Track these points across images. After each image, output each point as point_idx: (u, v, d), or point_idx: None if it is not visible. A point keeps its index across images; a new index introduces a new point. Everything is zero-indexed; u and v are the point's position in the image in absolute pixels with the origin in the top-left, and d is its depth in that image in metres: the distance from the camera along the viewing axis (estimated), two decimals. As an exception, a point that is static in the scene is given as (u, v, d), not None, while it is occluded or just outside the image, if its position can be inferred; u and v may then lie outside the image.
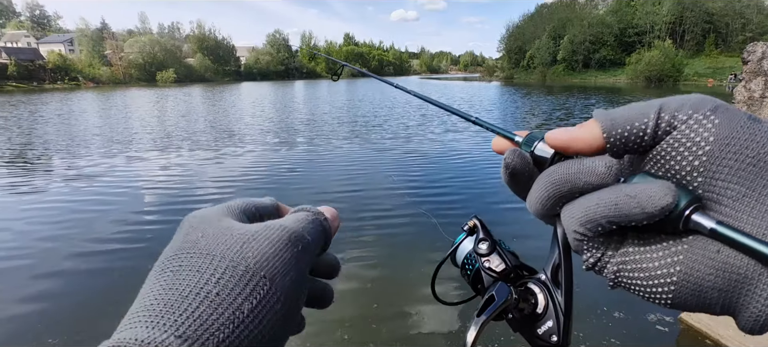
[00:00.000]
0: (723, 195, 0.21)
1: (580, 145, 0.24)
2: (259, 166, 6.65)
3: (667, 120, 0.22)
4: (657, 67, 42.58)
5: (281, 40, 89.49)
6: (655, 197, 0.21)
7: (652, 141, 0.23)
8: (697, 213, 0.21)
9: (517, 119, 12.40)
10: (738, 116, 0.22)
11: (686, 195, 0.21)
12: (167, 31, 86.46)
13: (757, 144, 0.20)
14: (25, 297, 2.83)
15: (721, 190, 0.21)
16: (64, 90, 41.47)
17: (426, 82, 54.03)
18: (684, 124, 0.22)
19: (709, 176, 0.21)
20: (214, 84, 56.58)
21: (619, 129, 0.23)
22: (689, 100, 0.23)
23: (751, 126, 0.21)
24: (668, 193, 0.21)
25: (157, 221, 4.29)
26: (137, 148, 8.39)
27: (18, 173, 6.40)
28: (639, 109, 0.23)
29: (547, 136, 0.26)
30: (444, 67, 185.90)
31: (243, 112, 15.91)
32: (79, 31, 65.36)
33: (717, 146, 0.21)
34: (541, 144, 0.27)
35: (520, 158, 0.27)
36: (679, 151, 0.22)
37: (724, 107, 0.22)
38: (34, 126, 12.05)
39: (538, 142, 0.27)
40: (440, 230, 3.55)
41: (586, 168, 0.24)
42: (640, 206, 0.21)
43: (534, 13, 71.90)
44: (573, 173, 0.24)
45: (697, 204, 0.21)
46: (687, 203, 0.21)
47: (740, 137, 0.21)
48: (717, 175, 0.21)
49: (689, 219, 0.21)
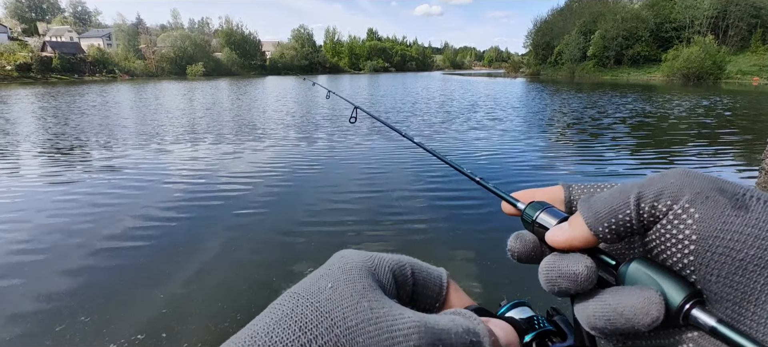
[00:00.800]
0: (721, 296, 0.20)
1: (577, 244, 0.25)
2: (280, 160, 6.75)
3: (647, 211, 0.22)
4: (696, 64, 40.31)
5: (305, 35, 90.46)
6: (640, 313, 0.21)
7: (641, 229, 0.23)
8: (697, 308, 0.20)
9: (545, 119, 11.94)
10: (719, 207, 0.20)
11: (683, 290, 0.21)
12: (197, 26, 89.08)
13: (743, 244, 0.19)
14: (52, 283, 3.00)
15: (718, 292, 0.20)
16: (102, 82, 43.45)
17: (449, 78, 53.32)
18: (665, 218, 0.21)
19: (702, 276, 0.21)
20: (240, 77, 57.88)
21: (605, 223, 0.23)
22: (666, 185, 0.22)
23: (735, 219, 0.20)
24: (652, 307, 0.21)
25: (179, 215, 4.43)
26: (166, 139, 8.71)
27: (51, 162, 6.77)
28: (619, 199, 0.23)
29: (547, 238, 0.27)
30: (468, 62, 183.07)
31: (266, 106, 16.21)
32: (116, 27, 68.37)
33: (701, 246, 0.20)
34: (544, 214, 0.28)
35: (522, 244, 0.29)
36: (666, 246, 0.22)
37: (703, 196, 0.21)
38: (70, 116, 12.69)
39: (540, 213, 0.28)
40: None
41: (566, 273, 0.25)
42: (629, 323, 0.21)
43: (563, 8, 69.54)
44: (555, 277, 0.25)
45: (697, 299, 0.21)
46: (685, 299, 0.21)
47: (724, 236, 0.20)
48: (709, 277, 0.20)
49: (689, 315, 0.21)
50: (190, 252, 3.42)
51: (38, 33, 70.10)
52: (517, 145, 7.89)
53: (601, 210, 0.24)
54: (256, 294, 2.80)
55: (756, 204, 0.20)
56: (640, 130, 9.74)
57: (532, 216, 0.28)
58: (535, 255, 0.29)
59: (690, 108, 14.50)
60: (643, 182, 0.23)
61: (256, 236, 3.76)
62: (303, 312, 0.20)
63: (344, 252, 0.26)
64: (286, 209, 4.47)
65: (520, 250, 0.29)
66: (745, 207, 0.20)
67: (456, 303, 0.28)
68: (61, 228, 3.93)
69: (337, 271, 0.23)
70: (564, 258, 0.25)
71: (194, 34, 72.14)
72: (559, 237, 0.26)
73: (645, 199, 0.22)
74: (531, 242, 0.29)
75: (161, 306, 2.65)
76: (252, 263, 3.25)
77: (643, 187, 0.23)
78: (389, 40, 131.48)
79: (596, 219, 0.24)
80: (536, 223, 0.28)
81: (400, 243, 3.60)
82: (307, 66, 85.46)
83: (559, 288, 0.25)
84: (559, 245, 0.26)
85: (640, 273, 0.23)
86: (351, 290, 0.22)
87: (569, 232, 0.25)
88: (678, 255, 0.21)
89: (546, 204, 0.29)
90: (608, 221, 0.23)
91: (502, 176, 5.81)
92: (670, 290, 0.21)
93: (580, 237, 0.25)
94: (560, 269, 0.25)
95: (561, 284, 0.25)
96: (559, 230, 0.26)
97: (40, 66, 47.84)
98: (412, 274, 0.26)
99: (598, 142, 8.40)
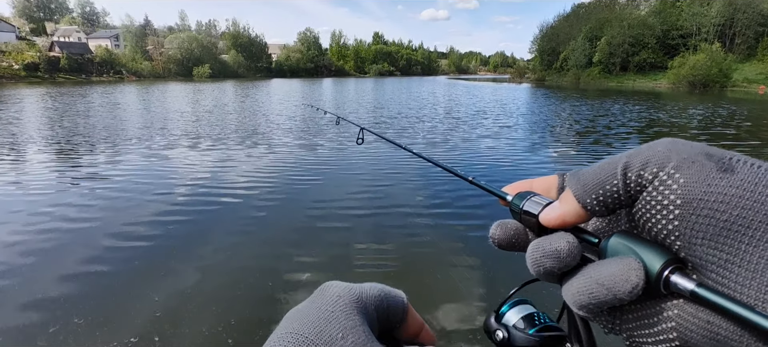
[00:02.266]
0: (707, 260, 0.20)
1: (571, 220, 0.26)
2: (284, 162, 6.76)
3: (634, 180, 0.22)
4: (702, 71, 40.05)
5: (311, 38, 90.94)
6: (621, 281, 0.21)
7: (629, 199, 0.23)
8: (676, 274, 0.21)
9: (557, 126, 11.85)
10: (705, 170, 0.20)
11: (662, 257, 0.21)
12: (204, 28, 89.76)
13: (727, 205, 0.19)
14: (48, 284, 3.00)
15: (703, 256, 0.20)
16: (109, 82, 43.88)
17: (454, 83, 53.35)
18: (650, 185, 0.22)
19: (686, 241, 0.21)
20: (246, 79, 58.22)
21: (593, 194, 0.24)
22: (653, 154, 0.22)
23: (720, 181, 0.20)
24: (632, 273, 0.21)
25: (176, 219, 4.42)
26: (166, 142, 8.74)
27: (48, 163, 6.81)
28: (607, 170, 0.24)
29: (541, 218, 0.27)
30: (473, 67, 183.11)
31: (270, 109, 16.26)
32: (124, 27, 69.07)
33: (686, 210, 0.20)
34: (529, 202, 0.29)
35: (502, 230, 0.30)
36: (652, 213, 0.22)
37: (689, 160, 0.21)
38: (67, 117, 12.79)
39: (527, 200, 0.29)
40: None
41: (549, 251, 0.25)
42: (611, 292, 0.22)
43: (570, 13, 69.44)
44: (539, 257, 0.26)
45: (675, 265, 0.21)
46: (663, 265, 0.21)
47: (709, 198, 0.20)
48: (694, 240, 0.20)
49: (669, 281, 0.21)
50: (186, 257, 3.40)
51: (46, 33, 70.94)
52: (527, 154, 7.82)
53: (590, 183, 0.24)
54: (250, 300, 2.78)
55: (742, 167, 0.20)
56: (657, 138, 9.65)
57: (519, 204, 0.29)
58: (517, 242, 0.30)
59: (707, 116, 14.38)
60: (630, 152, 0.23)
61: (252, 242, 3.74)
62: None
63: (336, 289, 0.27)
64: (285, 215, 4.45)
65: (500, 236, 0.30)
66: (730, 170, 0.20)
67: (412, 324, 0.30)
68: (56, 230, 3.93)
69: (339, 315, 0.24)
70: (547, 238, 0.26)
71: (201, 36, 72.78)
72: (552, 214, 0.27)
73: (631, 168, 0.22)
74: (512, 229, 0.30)
75: (155, 310, 2.63)
76: (247, 269, 3.22)
77: (630, 157, 0.23)
78: (395, 44, 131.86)
79: (584, 192, 0.24)
80: (523, 211, 0.29)
81: (401, 249, 3.56)
82: (312, 69, 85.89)
83: (544, 268, 0.26)
84: (552, 222, 0.26)
85: (620, 246, 0.23)
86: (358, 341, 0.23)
87: (560, 208, 0.26)
88: (663, 221, 0.21)
89: (531, 193, 0.30)
90: (596, 192, 0.24)
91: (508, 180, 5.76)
92: (649, 258, 0.21)
93: (571, 211, 0.25)
94: (544, 248, 0.26)
95: (545, 263, 0.25)
96: (551, 209, 0.27)
97: (47, 66, 48.43)
98: (387, 307, 0.28)
99: (612, 151, 8.33)
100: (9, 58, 47.39)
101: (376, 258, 3.39)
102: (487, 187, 0.38)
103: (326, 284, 0.27)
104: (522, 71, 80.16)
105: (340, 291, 0.26)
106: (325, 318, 0.24)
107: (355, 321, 0.24)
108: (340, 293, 0.26)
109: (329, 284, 0.27)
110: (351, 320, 0.24)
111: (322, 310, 0.25)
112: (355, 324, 0.24)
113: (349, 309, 0.25)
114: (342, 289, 0.27)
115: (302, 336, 0.23)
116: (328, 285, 0.27)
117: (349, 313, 0.25)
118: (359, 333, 0.24)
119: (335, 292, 0.26)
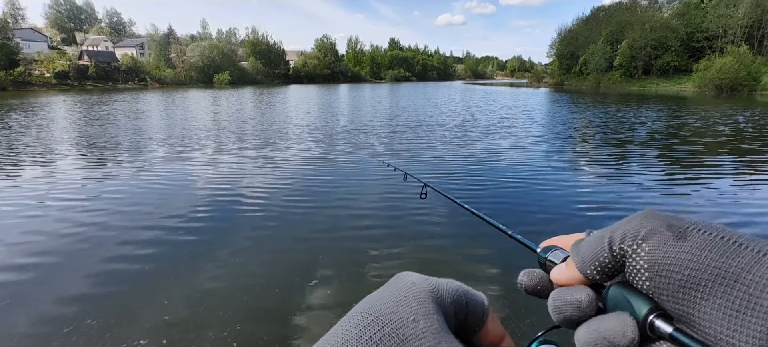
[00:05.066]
0: (675, 312, 0.24)
1: (574, 283, 0.30)
2: (300, 168, 6.85)
3: (617, 251, 0.26)
4: (730, 74, 38.53)
5: (328, 45, 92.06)
6: (619, 335, 0.25)
7: (619, 267, 0.27)
8: (658, 319, 0.24)
9: (577, 133, 11.61)
10: (664, 239, 0.24)
11: (646, 304, 0.25)
12: (225, 36, 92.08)
13: (680, 266, 0.23)
14: (63, 286, 3.11)
15: (671, 308, 0.24)
16: (135, 90, 45.46)
17: (470, 88, 53.00)
18: (628, 255, 0.26)
19: (657, 296, 0.25)
20: (264, 86, 59.30)
21: (591, 266, 0.28)
22: (630, 228, 0.26)
23: (675, 248, 0.24)
24: (628, 329, 0.25)
25: (190, 225, 4.52)
26: (191, 144, 8.99)
27: (79, 166, 7.07)
28: (598, 244, 0.28)
29: (551, 275, 0.32)
30: (490, 72, 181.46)
31: (288, 114, 16.51)
32: (149, 36, 71.51)
33: (652, 272, 0.24)
34: (551, 255, 0.34)
35: (529, 278, 0.34)
36: (633, 276, 0.26)
37: (653, 232, 0.25)
38: (101, 123, 13.27)
39: (551, 252, 0.34)
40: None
41: (570, 301, 0.29)
42: (612, 345, 0.25)
43: (589, 17, 68.06)
44: (561, 305, 0.29)
45: (658, 312, 0.25)
46: (647, 311, 0.25)
47: (666, 262, 0.24)
48: (661, 296, 0.24)
49: (653, 325, 0.24)
50: (198, 262, 3.48)
51: (76, 42, 74.15)
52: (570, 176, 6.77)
53: (586, 256, 0.28)
54: (258, 308, 2.82)
55: (695, 234, 0.24)
56: (716, 147, 9.34)
57: (544, 256, 0.35)
58: (541, 289, 0.33)
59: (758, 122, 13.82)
60: (614, 227, 0.28)
61: (265, 250, 3.79)
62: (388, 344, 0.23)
63: (412, 277, 0.28)
64: (302, 224, 4.49)
65: (526, 283, 0.34)
66: (684, 238, 0.24)
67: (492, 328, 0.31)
68: (73, 233, 4.08)
69: (412, 301, 0.26)
70: (569, 289, 0.29)
71: (222, 44, 74.62)
72: (560, 276, 0.31)
73: (614, 242, 0.27)
74: (537, 277, 0.34)
75: (163, 313, 2.70)
76: (257, 276, 3.27)
77: (613, 232, 0.27)
78: (411, 50, 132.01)
79: (583, 264, 0.28)
80: (547, 261, 0.34)
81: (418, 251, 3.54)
82: (329, 75, 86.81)
83: (565, 315, 0.29)
84: (560, 283, 0.31)
85: (617, 294, 0.27)
86: (430, 327, 0.25)
87: (566, 273, 0.30)
88: (640, 282, 0.25)
89: (555, 247, 0.35)
90: (593, 264, 0.28)
91: (552, 213, 5.66)
92: (637, 306, 0.25)
93: (575, 278, 0.29)
94: (566, 298, 0.29)
95: (566, 311, 0.29)
96: (558, 271, 0.31)
97: (77, 74, 50.51)
98: (465, 303, 0.29)
99: (668, 164, 8.08)
100: (41, 67, 49.69)
101: (394, 261, 3.38)
102: (524, 242, 0.43)
103: (402, 273, 0.29)
104: (540, 75, 78.94)
105: (416, 279, 0.28)
106: (398, 301, 0.25)
107: (429, 309, 0.26)
108: (415, 280, 0.28)
109: (405, 273, 0.29)
110: (424, 306, 0.26)
111: (395, 294, 0.26)
112: (428, 311, 0.25)
113: (423, 297, 0.26)
114: (417, 278, 0.28)
115: (372, 316, 0.24)
116: (404, 274, 0.29)
117: (423, 300, 0.26)
118: (433, 320, 0.25)
119: (410, 279, 0.28)
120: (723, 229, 0.24)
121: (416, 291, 0.27)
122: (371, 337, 0.23)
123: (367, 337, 0.23)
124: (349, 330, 0.24)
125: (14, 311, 2.73)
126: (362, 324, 0.24)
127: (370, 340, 0.23)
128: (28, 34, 60.13)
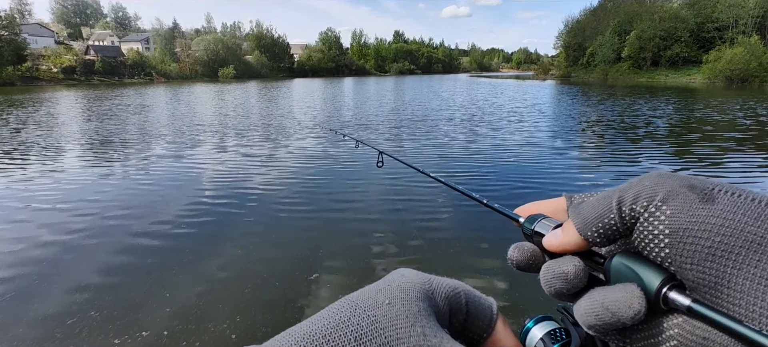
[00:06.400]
0: (698, 282, 0.22)
1: (570, 249, 0.28)
2: (303, 164, 6.86)
3: (628, 213, 0.24)
4: (741, 65, 37.88)
5: (332, 38, 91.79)
6: (624, 307, 0.23)
7: (626, 230, 0.25)
8: (673, 291, 0.22)
9: (585, 129, 11.50)
10: (688, 202, 0.22)
11: (660, 275, 0.23)
12: (229, 30, 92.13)
13: (710, 233, 0.21)
14: (67, 278, 3.15)
15: (694, 278, 0.22)
16: (140, 85, 45.68)
17: (475, 81, 52.59)
18: (642, 217, 0.23)
19: (677, 266, 0.22)
20: (269, 80, 59.38)
21: (593, 228, 0.26)
22: (642, 188, 0.24)
23: (702, 212, 0.21)
24: (634, 300, 0.23)
25: (195, 220, 4.55)
26: (195, 139, 9.04)
27: (85, 159, 7.14)
28: (604, 204, 0.25)
29: (544, 243, 0.30)
30: (495, 64, 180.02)
31: (293, 109, 16.52)
32: (154, 31, 71.74)
33: (674, 239, 0.22)
34: (539, 225, 0.31)
35: (520, 253, 0.31)
36: (646, 242, 0.23)
37: (674, 193, 0.23)
38: (107, 118, 13.38)
39: (537, 223, 0.31)
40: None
41: (558, 273, 0.27)
42: (615, 316, 0.23)
43: (597, 7, 67.14)
44: (550, 278, 0.27)
45: (673, 283, 0.23)
46: (661, 283, 0.22)
47: (692, 228, 0.21)
48: (684, 265, 0.22)
49: (668, 298, 0.22)
50: (200, 257, 3.51)
51: (83, 37, 74.64)
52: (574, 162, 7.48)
53: (589, 217, 0.26)
54: (258, 302, 2.84)
55: (722, 197, 0.22)
56: (747, 142, 9.20)
57: (530, 227, 0.31)
58: (533, 263, 0.31)
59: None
60: (623, 187, 0.25)
61: (266, 244, 3.82)
62: (359, 323, 0.22)
63: (404, 271, 0.28)
64: (304, 219, 4.51)
65: (517, 258, 0.31)
66: (711, 200, 0.21)
67: (503, 337, 0.29)
68: (77, 227, 4.13)
69: (395, 289, 0.25)
70: (557, 261, 0.28)
71: (226, 38, 74.68)
72: (554, 242, 0.29)
73: (625, 202, 0.24)
74: (529, 251, 0.31)
75: (166, 306, 2.73)
76: (257, 269, 3.29)
77: (622, 192, 0.25)
78: (415, 43, 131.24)
79: (584, 225, 0.26)
80: (534, 233, 0.31)
81: (421, 261, 3.55)
82: (333, 68, 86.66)
83: (555, 288, 0.27)
84: (553, 249, 0.29)
85: (622, 266, 0.25)
86: (407, 311, 0.24)
87: (562, 237, 0.28)
88: (656, 249, 0.23)
89: (541, 215, 0.32)
90: (596, 226, 0.25)
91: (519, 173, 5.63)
92: (648, 277, 0.23)
93: (572, 242, 0.27)
94: (554, 270, 0.27)
95: (555, 284, 0.27)
96: (553, 236, 0.29)
97: (83, 69, 50.93)
98: (466, 303, 0.28)
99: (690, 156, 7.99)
100: (48, 62, 50.13)
101: (395, 265, 3.39)
102: (500, 210, 0.39)
103: (399, 269, 0.28)
104: (546, 67, 78.15)
105: (407, 273, 0.28)
106: (379, 289, 0.25)
107: (410, 297, 0.25)
108: (406, 273, 0.27)
109: (401, 269, 0.28)
110: (406, 294, 0.25)
111: (381, 283, 0.26)
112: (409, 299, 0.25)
113: (408, 287, 0.26)
114: (410, 272, 0.28)
115: (350, 301, 0.24)
116: (400, 269, 0.28)
117: (407, 290, 0.26)
118: (412, 306, 0.25)
119: (402, 272, 0.28)
120: (751, 191, 0.22)
121: (403, 281, 0.26)
122: (341, 318, 0.23)
123: (337, 318, 0.23)
124: (325, 313, 0.24)
125: (19, 303, 2.78)
126: (338, 307, 0.24)
127: (339, 320, 0.23)
128: (35, 30, 60.61)
